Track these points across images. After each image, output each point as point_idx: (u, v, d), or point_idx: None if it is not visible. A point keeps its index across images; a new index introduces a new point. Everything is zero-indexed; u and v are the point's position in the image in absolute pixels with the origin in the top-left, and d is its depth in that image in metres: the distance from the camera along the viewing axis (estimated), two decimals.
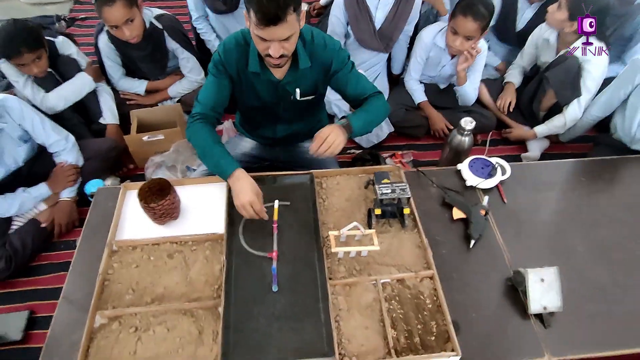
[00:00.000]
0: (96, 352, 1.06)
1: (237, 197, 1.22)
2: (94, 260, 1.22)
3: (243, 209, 1.21)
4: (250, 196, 1.20)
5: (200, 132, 1.30)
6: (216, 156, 1.27)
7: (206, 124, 1.32)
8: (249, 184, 1.23)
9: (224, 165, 1.26)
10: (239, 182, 1.23)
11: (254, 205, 1.20)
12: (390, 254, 1.26)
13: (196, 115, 1.33)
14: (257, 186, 1.25)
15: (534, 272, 1.15)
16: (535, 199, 1.44)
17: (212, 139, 1.30)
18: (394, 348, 1.06)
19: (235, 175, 1.24)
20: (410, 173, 1.49)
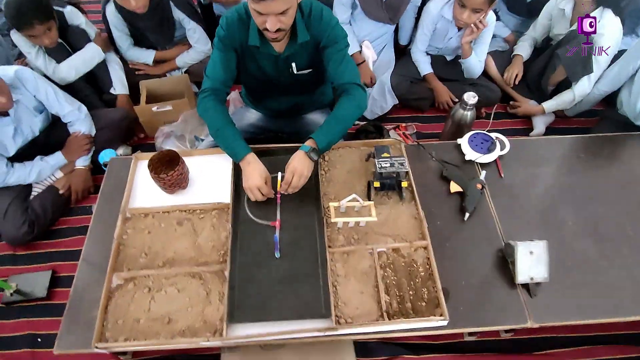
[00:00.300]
0: (114, 309, 1.16)
1: (247, 180, 1.28)
2: (109, 226, 1.31)
3: (251, 193, 1.28)
4: (259, 181, 1.27)
5: (212, 111, 1.34)
6: (229, 138, 1.33)
7: (217, 102, 1.36)
8: (258, 169, 1.29)
9: (236, 148, 1.32)
10: (249, 166, 1.29)
11: (262, 189, 1.27)
12: (387, 224, 1.32)
13: (206, 90, 1.37)
14: (266, 171, 1.30)
15: (523, 245, 1.21)
16: (532, 174, 1.48)
17: (224, 119, 1.34)
18: (386, 312, 1.14)
19: (247, 159, 1.30)
20: (411, 146, 1.53)
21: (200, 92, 1.39)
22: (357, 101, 1.35)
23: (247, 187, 1.28)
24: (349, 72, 1.36)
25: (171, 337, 1.12)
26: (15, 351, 1.49)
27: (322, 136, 1.31)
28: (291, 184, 1.27)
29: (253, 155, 1.31)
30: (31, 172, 1.68)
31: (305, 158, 1.28)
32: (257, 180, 1.27)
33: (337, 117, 1.34)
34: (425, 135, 2.12)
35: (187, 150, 1.51)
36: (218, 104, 1.36)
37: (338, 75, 1.36)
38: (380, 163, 1.30)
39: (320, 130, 1.32)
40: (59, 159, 1.74)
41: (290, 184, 1.27)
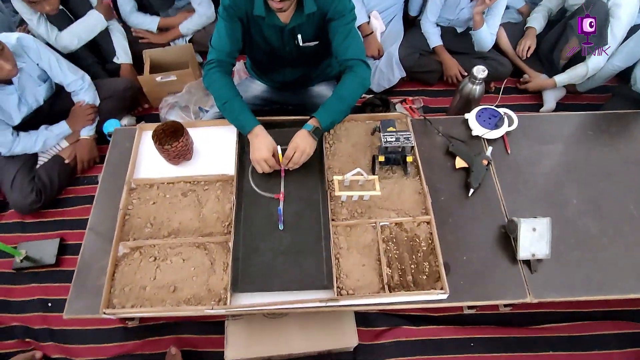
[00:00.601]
0: (121, 277, 1.19)
1: (254, 152, 1.28)
2: (114, 196, 1.32)
3: (258, 165, 1.28)
4: (267, 154, 1.26)
5: (219, 83, 1.33)
6: (236, 111, 1.32)
7: (223, 74, 1.34)
8: (266, 141, 1.28)
9: (244, 121, 1.31)
10: (257, 138, 1.28)
11: (269, 161, 1.27)
12: (391, 198, 1.32)
13: (212, 62, 1.35)
14: (273, 143, 1.30)
15: (526, 222, 1.21)
16: (538, 151, 1.46)
17: (231, 91, 1.33)
18: (387, 284, 1.16)
19: (255, 131, 1.29)
20: (418, 120, 1.51)
21: (205, 64, 1.36)
22: (361, 79, 1.32)
23: (255, 160, 1.28)
24: (354, 47, 1.33)
25: (177, 304, 1.15)
26: (27, 315, 1.54)
27: (325, 115, 1.30)
28: (292, 159, 1.27)
29: (261, 127, 1.31)
30: (36, 141, 1.69)
31: (308, 136, 1.27)
32: (265, 152, 1.26)
33: (340, 95, 1.32)
34: (432, 109, 2.09)
35: (191, 122, 1.50)
36: (224, 76, 1.34)
37: (342, 50, 1.33)
38: (385, 137, 1.28)
39: (323, 109, 1.31)
40: (63, 128, 1.74)
41: (291, 160, 1.27)
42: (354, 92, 1.33)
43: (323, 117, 1.30)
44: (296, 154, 1.27)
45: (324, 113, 1.31)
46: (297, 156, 1.27)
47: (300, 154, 1.27)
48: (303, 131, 1.29)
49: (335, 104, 1.32)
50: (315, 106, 1.70)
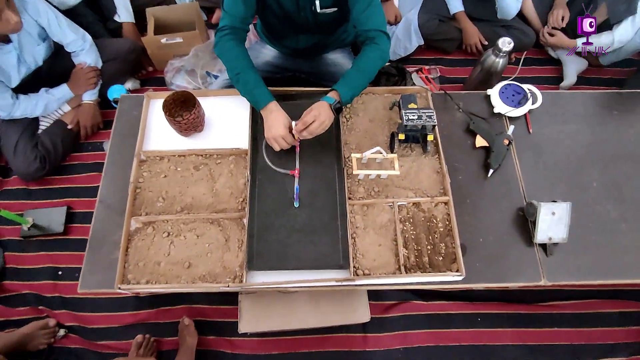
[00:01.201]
0: (134, 252, 1.18)
1: (269, 130, 1.22)
2: (124, 167, 1.28)
3: (275, 142, 1.22)
4: (283, 131, 1.20)
5: (232, 52, 1.24)
6: (250, 84, 1.24)
7: (237, 42, 1.26)
8: (281, 118, 1.22)
9: (258, 96, 1.24)
10: (272, 114, 1.22)
11: (286, 139, 1.21)
12: (409, 177, 1.29)
13: (225, 28, 1.25)
14: (288, 118, 1.23)
15: (546, 206, 1.19)
16: (561, 131, 1.42)
17: (245, 62, 1.25)
18: (404, 265, 1.16)
19: (269, 107, 1.23)
20: (437, 95, 1.45)
21: (217, 30, 1.27)
22: (381, 52, 1.25)
23: (271, 137, 1.22)
24: (376, 18, 1.25)
25: (192, 281, 1.15)
26: (38, 282, 1.55)
27: (346, 89, 1.23)
28: (309, 128, 1.18)
29: (276, 103, 1.24)
30: (37, 105, 1.62)
31: (328, 108, 1.21)
32: (281, 129, 1.20)
33: (361, 68, 1.24)
34: (449, 79, 2.01)
35: (202, 91, 1.43)
36: (238, 45, 1.26)
37: (363, 20, 1.25)
38: (407, 115, 1.23)
39: (344, 82, 1.24)
40: (64, 92, 1.66)
41: (308, 128, 1.19)
42: (374, 65, 1.26)
43: (344, 90, 1.23)
44: (315, 123, 1.18)
45: (345, 86, 1.24)
46: (315, 126, 1.18)
47: (319, 124, 1.19)
48: (324, 102, 1.21)
49: (355, 77, 1.25)
50: (329, 74, 1.63)
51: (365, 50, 1.27)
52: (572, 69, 1.98)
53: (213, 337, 1.46)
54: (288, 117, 1.24)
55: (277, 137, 1.21)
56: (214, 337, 1.46)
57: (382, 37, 1.26)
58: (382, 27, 1.27)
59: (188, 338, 1.39)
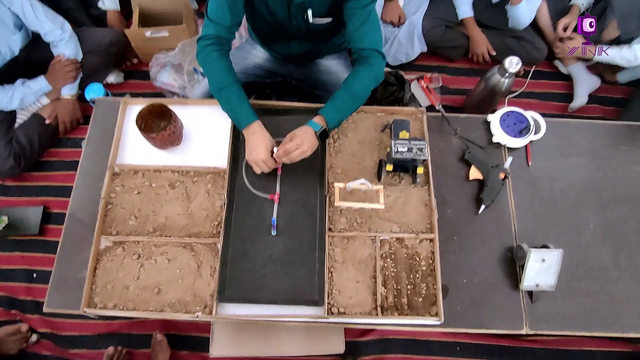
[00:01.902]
0: (103, 273, 1.13)
1: (250, 152, 1.14)
2: (97, 179, 1.22)
3: (256, 166, 1.15)
4: (265, 155, 1.13)
5: (215, 65, 1.15)
6: (233, 101, 1.15)
7: (221, 54, 1.16)
8: (264, 140, 1.14)
9: (241, 114, 1.15)
10: (254, 136, 1.14)
11: (267, 163, 1.14)
12: (394, 209, 1.22)
13: (209, 38, 1.15)
14: (272, 140, 1.16)
15: (536, 252, 1.13)
16: (562, 165, 1.33)
17: (229, 77, 1.15)
18: (381, 305, 1.11)
19: (252, 128, 1.14)
20: (433, 118, 1.35)
21: (200, 39, 1.17)
22: (375, 73, 1.17)
23: (252, 160, 1.15)
24: (372, 36, 1.15)
25: (160, 308, 1.10)
26: (12, 284, 1.52)
27: (333, 113, 1.15)
28: (290, 155, 1.11)
29: (259, 123, 1.15)
30: (13, 97, 1.53)
31: (312, 135, 1.13)
32: (263, 153, 1.13)
33: (352, 91, 1.15)
34: (451, 90, 1.90)
35: (180, 100, 1.34)
36: (222, 57, 1.16)
37: (358, 37, 1.15)
38: (397, 146, 1.15)
39: (332, 106, 1.15)
40: (42, 84, 1.57)
41: (289, 156, 1.11)
42: (366, 87, 1.18)
43: (331, 115, 1.15)
44: (296, 152, 1.11)
45: (333, 111, 1.15)
46: (297, 154, 1.11)
47: (300, 152, 1.12)
48: (309, 129, 1.13)
49: (345, 100, 1.16)
50: (321, 82, 1.53)
51: (358, 71, 1.17)
52: (583, 89, 1.86)
53: (186, 352, 1.44)
54: (271, 139, 1.16)
55: (258, 160, 1.14)
56: (187, 352, 1.44)
57: (378, 57, 1.17)
58: (377, 46, 1.17)
59: (160, 354, 1.37)
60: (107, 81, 1.75)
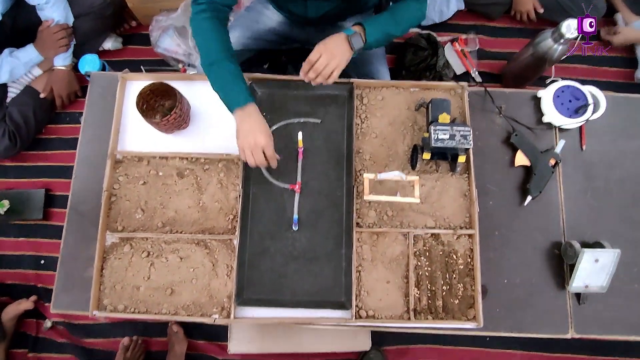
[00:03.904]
0: (110, 273, 1.05)
1: (246, 135, 0.95)
2: (98, 168, 1.10)
3: (252, 155, 0.96)
4: (264, 139, 0.95)
5: (206, 35, 0.97)
6: (225, 77, 0.97)
7: (215, 23, 0.98)
8: (263, 123, 0.97)
9: (233, 93, 0.97)
10: (250, 118, 0.96)
11: (266, 150, 0.96)
12: (429, 200, 1.09)
13: (203, 2, 0.97)
14: (268, 128, 0.98)
15: (590, 253, 1.01)
16: (622, 149, 1.16)
17: (222, 49, 0.97)
18: (413, 309, 1.02)
19: (248, 109, 0.96)
20: (474, 94, 1.18)
21: (193, 3, 0.99)
22: (421, 5, 1.04)
23: (247, 146, 0.96)
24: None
25: (174, 310, 1.02)
26: (21, 271, 1.45)
27: (374, 28, 1.00)
28: (314, 66, 0.96)
29: (254, 106, 0.98)
30: (1, 70, 1.37)
31: (344, 42, 0.97)
32: (263, 137, 0.95)
33: (396, 17, 1.02)
34: (489, 54, 1.67)
35: (186, 75, 1.18)
36: (215, 27, 0.98)
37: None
38: (437, 133, 0.99)
39: (374, 22, 1.01)
40: (31, 54, 1.40)
41: (313, 67, 0.96)
42: (410, 19, 1.05)
43: (371, 29, 0.99)
44: (322, 59, 0.95)
45: (374, 26, 1.00)
46: (322, 62, 0.95)
47: (327, 59, 0.95)
48: (340, 35, 0.98)
49: (388, 24, 1.02)
50: None
51: (406, 2, 1.03)
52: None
53: (204, 342, 1.39)
54: (267, 126, 0.98)
55: (256, 145, 0.95)
56: (204, 341, 1.39)
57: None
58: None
59: (176, 345, 1.32)
60: (104, 47, 1.57)
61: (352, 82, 1.14)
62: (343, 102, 1.15)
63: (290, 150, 1.10)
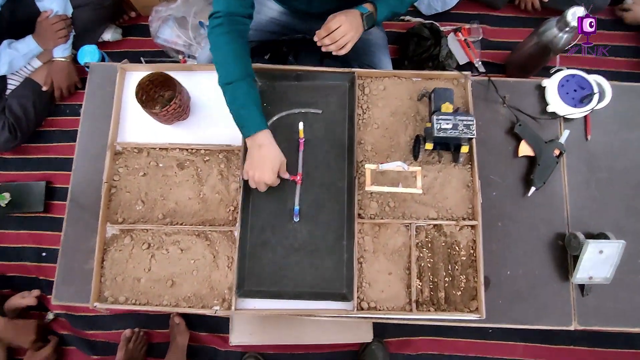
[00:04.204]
0: (111, 265, 1.04)
1: (254, 170, 0.96)
2: (97, 159, 1.10)
3: (253, 184, 0.99)
4: (270, 177, 0.96)
5: (223, 51, 0.95)
6: (240, 100, 0.95)
7: (233, 37, 0.95)
8: (272, 156, 0.97)
9: (246, 119, 0.96)
10: (260, 150, 0.96)
11: (269, 183, 0.98)
12: (431, 191, 1.08)
13: (218, 15, 0.95)
14: (282, 158, 0.99)
15: (594, 244, 1.00)
16: (627, 139, 1.15)
17: (239, 68, 0.95)
18: (415, 300, 1.01)
19: (259, 139, 0.96)
20: (477, 83, 1.16)
21: (210, 16, 0.96)
22: None
23: (252, 178, 0.98)
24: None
25: (175, 302, 1.02)
26: (23, 263, 1.46)
27: (384, 7, 1.06)
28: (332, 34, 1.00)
29: (269, 134, 0.98)
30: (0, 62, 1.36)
31: (359, 19, 1.02)
32: (268, 175, 0.96)
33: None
34: (493, 44, 1.65)
35: (186, 65, 1.16)
36: (233, 41, 0.95)
37: None
38: (439, 122, 0.98)
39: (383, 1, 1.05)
40: (31, 46, 1.39)
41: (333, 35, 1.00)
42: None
43: (382, 8, 1.06)
44: (342, 29, 1.00)
45: (384, 5, 1.07)
46: (341, 31, 1.00)
47: (345, 30, 1.00)
48: (355, 11, 1.04)
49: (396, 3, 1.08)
50: None
51: None
52: None
53: (206, 334, 1.39)
54: (281, 155, 1.00)
55: (260, 182, 0.97)
56: (206, 333, 1.39)
57: None
58: None
59: (178, 337, 1.32)
60: (104, 39, 1.55)
61: (353, 71, 1.13)
62: (344, 92, 1.13)
63: (291, 141, 1.09)
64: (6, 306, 1.34)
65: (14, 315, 1.36)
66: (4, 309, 1.35)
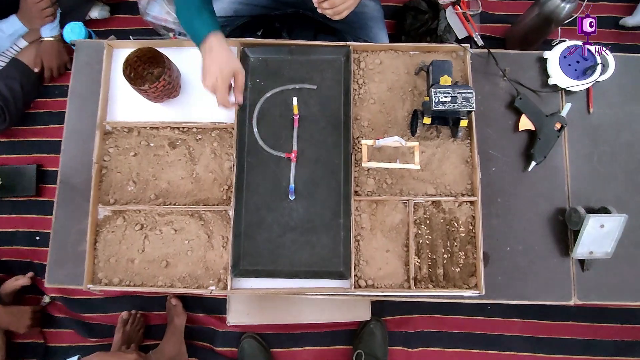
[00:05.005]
0: (104, 247, 1.02)
1: (203, 76, 0.90)
2: (87, 140, 1.06)
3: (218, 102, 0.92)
4: (214, 82, 0.88)
5: None
6: (190, 9, 0.89)
7: None
8: (219, 59, 0.89)
9: (197, 26, 0.89)
10: (212, 53, 0.89)
11: (217, 91, 0.90)
12: (430, 167, 1.06)
13: None
14: (236, 64, 0.92)
15: (595, 218, 0.98)
16: (630, 112, 1.12)
17: None
18: (414, 277, 1.00)
19: (209, 41, 0.88)
20: (477, 56, 1.13)
21: None
22: None
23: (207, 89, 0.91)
24: None
25: (170, 282, 1.01)
26: (16, 247, 1.44)
27: None
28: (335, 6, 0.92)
29: (219, 37, 0.90)
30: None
31: None
32: (211, 79, 0.88)
33: None
34: (493, 18, 1.60)
35: (175, 41, 1.12)
36: None
37: None
38: (438, 95, 0.95)
39: None
40: (16, 26, 1.34)
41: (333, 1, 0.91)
42: None
43: None
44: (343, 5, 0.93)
45: None
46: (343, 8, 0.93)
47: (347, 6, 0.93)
48: None
49: None
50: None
51: None
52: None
53: (203, 315, 1.38)
54: (235, 62, 0.92)
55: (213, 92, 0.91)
56: (204, 314, 1.38)
57: None
58: None
59: (176, 319, 1.31)
60: (91, 16, 1.50)
61: (348, 45, 1.09)
62: (339, 67, 1.10)
63: (285, 117, 1.06)
64: (2, 291, 1.33)
65: (10, 300, 1.35)
66: (0, 295, 1.34)
